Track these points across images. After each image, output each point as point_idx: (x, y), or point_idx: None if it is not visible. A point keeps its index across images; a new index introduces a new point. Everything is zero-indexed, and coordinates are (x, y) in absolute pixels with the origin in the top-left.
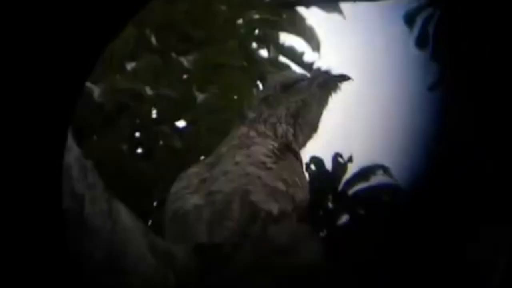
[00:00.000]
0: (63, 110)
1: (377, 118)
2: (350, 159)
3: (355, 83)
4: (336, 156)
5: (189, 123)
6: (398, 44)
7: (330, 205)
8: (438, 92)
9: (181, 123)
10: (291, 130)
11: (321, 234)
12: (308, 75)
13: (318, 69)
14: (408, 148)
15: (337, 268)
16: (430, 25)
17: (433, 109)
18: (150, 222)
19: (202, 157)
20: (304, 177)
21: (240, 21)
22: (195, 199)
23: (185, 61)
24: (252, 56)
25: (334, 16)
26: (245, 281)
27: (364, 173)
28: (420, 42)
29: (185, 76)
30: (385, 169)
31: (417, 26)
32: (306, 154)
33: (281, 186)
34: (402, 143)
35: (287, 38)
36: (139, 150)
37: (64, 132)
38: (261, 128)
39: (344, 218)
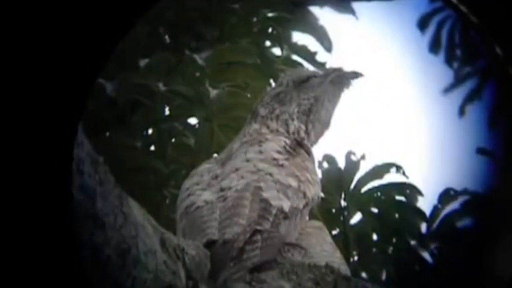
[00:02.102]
0: (74, 105)
1: (390, 116)
2: (362, 157)
3: (368, 81)
4: (349, 154)
5: (201, 120)
6: (412, 42)
7: (342, 202)
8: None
9: (193, 120)
10: (303, 127)
11: (334, 231)
12: (320, 72)
13: (331, 67)
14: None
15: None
16: (443, 29)
17: (445, 109)
18: (162, 218)
19: (214, 154)
20: (316, 173)
21: (253, 19)
22: (206, 195)
23: (198, 58)
24: (265, 54)
25: (347, 15)
26: (256, 277)
27: (377, 171)
28: (434, 47)
29: (198, 73)
30: (398, 167)
31: (431, 30)
32: (319, 151)
33: (293, 182)
34: (416, 142)
35: (300, 38)
36: (152, 147)
37: (75, 127)
38: (273, 124)
39: (357, 216)
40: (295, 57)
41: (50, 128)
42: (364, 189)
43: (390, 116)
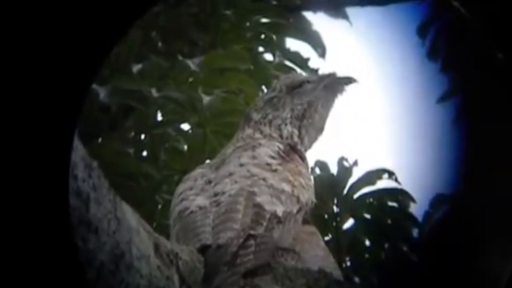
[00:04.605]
0: (69, 111)
1: (383, 122)
2: (355, 163)
3: (361, 87)
4: (341, 159)
5: (194, 125)
6: (407, 48)
7: (335, 208)
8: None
9: (186, 126)
10: (296, 132)
11: (326, 237)
12: (314, 77)
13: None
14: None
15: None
16: (440, 36)
17: (441, 116)
18: (155, 223)
19: (207, 160)
20: (310, 178)
21: (246, 24)
22: (200, 200)
23: (191, 64)
24: (258, 60)
25: (341, 21)
26: (249, 282)
27: (370, 177)
28: (432, 53)
29: (191, 79)
30: (390, 173)
31: (429, 37)
32: (311, 157)
33: (286, 187)
34: (408, 147)
35: (293, 43)
36: (144, 153)
37: (70, 132)
38: (267, 129)
39: (349, 221)
40: (288, 63)
41: (46, 133)
42: (356, 195)
43: (383, 122)
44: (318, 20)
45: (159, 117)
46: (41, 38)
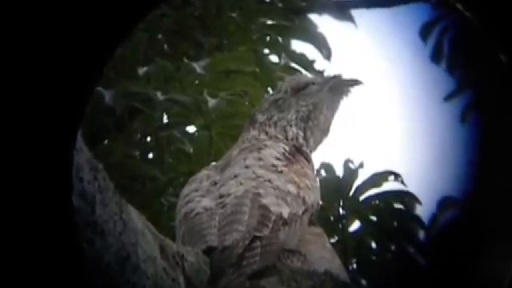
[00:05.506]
0: (73, 113)
1: (389, 123)
2: (361, 165)
3: (367, 89)
4: (347, 162)
5: (200, 128)
6: (412, 50)
7: (341, 211)
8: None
9: (192, 128)
10: (301, 133)
11: (332, 240)
12: (319, 79)
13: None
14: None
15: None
16: (445, 38)
17: (447, 118)
18: (160, 226)
19: (212, 162)
20: (315, 180)
21: (252, 27)
22: (205, 202)
23: (196, 66)
24: (263, 62)
25: (346, 23)
26: (255, 284)
27: (375, 179)
28: (435, 54)
29: (196, 82)
30: (396, 176)
31: (432, 39)
32: (316, 160)
33: (292, 189)
34: (414, 149)
35: (298, 45)
36: (150, 155)
37: (74, 134)
38: (272, 131)
39: (355, 223)
40: (293, 65)
41: (49, 135)
42: (362, 197)
43: (389, 123)
44: (323, 22)
45: (165, 120)
46: (44, 39)
